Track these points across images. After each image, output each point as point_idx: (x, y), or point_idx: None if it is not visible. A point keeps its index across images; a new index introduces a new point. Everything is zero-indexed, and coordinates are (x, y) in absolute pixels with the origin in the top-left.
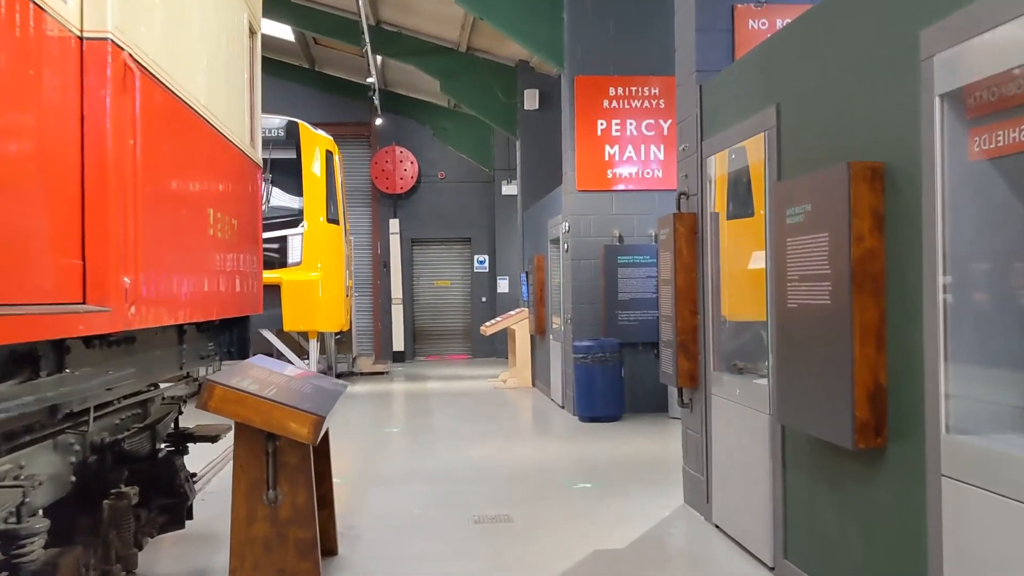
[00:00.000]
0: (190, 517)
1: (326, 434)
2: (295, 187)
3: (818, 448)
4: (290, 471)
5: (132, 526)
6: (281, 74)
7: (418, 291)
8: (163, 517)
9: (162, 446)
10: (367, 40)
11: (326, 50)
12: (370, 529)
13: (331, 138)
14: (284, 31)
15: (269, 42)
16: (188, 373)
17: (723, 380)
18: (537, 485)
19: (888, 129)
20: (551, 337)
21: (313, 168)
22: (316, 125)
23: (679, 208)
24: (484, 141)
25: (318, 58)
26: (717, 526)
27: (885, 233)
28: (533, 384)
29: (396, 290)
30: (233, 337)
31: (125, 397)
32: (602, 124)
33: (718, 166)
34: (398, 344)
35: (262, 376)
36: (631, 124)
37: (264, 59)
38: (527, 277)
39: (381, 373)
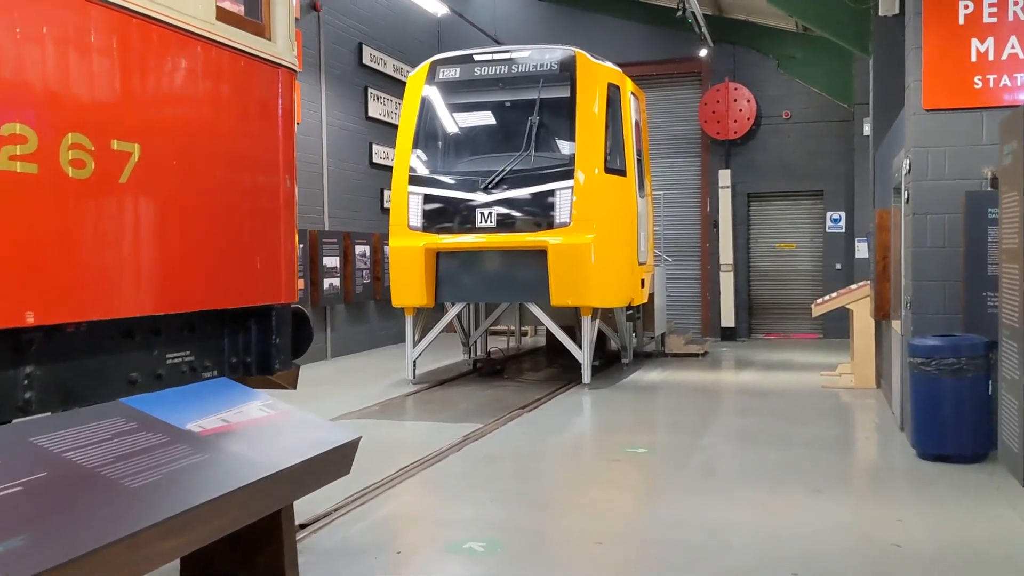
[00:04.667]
0: None
1: (277, 523)
2: (570, 131)
3: None
4: None
5: None
6: (602, 8)
7: (755, 256)
8: None
9: None
10: None
11: None
12: None
13: (619, 70)
14: None
15: None
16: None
17: None
18: None
19: None
20: (897, 325)
21: (592, 107)
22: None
23: None
24: (843, 71)
25: None
26: None
27: None
28: (878, 385)
29: (726, 255)
30: (250, 340)
31: None
32: (967, 7)
33: None
34: (727, 319)
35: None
36: (1017, 3)
37: None
38: (869, 240)
39: (695, 355)
